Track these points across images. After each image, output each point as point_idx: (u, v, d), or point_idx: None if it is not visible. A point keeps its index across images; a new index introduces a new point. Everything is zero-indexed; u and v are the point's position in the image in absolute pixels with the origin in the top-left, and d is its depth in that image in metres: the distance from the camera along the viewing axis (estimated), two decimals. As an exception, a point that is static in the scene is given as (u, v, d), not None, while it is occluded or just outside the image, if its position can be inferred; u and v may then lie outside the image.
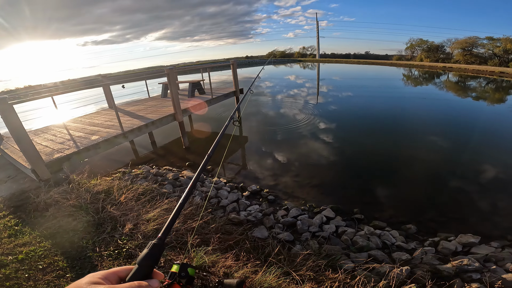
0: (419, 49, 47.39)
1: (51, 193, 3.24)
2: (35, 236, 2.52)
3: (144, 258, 0.53)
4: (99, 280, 0.46)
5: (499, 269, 2.51)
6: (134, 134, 5.31)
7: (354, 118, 9.93)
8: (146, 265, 0.52)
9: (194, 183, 0.82)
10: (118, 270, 0.50)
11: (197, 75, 11.64)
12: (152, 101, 8.31)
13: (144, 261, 0.52)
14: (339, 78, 25.12)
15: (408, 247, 3.17)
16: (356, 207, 4.13)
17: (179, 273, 0.61)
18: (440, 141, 7.05)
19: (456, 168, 5.34)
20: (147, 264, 0.52)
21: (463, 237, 3.22)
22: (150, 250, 0.54)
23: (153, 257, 0.54)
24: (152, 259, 0.53)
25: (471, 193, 4.45)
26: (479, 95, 14.88)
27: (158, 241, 0.57)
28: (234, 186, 4.85)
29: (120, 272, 0.50)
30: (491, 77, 23.99)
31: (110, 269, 0.50)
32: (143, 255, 0.53)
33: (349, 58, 63.55)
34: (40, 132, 5.53)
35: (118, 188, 3.47)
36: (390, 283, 2.10)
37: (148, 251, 0.54)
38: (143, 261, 0.52)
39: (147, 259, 0.53)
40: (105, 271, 0.49)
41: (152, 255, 0.54)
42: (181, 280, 0.60)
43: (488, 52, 36.66)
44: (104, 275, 0.47)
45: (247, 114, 10.52)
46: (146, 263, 0.52)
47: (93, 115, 7.04)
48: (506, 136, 7.51)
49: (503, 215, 3.85)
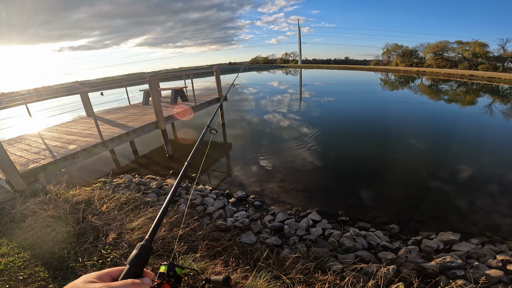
0: (394, 54, 49.37)
1: (28, 204, 3.08)
2: (13, 247, 2.39)
3: (134, 258, 0.55)
4: (94, 279, 0.48)
5: (482, 265, 2.61)
6: (114, 143, 5.15)
7: (336, 122, 10.14)
8: (137, 264, 0.55)
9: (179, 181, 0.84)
10: (110, 270, 0.53)
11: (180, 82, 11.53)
12: (133, 109, 8.13)
13: (134, 261, 0.55)
14: (320, 84, 25.65)
15: (393, 246, 3.24)
16: (341, 209, 4.20)
17: (168, 273, 0.62)
18: (417, 143, 7.32)
19: (434, 169, 5.55)
20: (138, 263, 0.55)
21: (444, 235, 3.32)
22: (139, 250, 0.57)
23: (142, 257, 0.56)
24: (142, 259, 0.56)
25: (449, 193, 4.63)
26: (452, 98, 15.63)
27: (146, 242, 0.59)
28: (220, 193, 4.80)
29: (112, 273, 0.53)
30: (462, 80, 25.31)
31: (102, 270, 0.52)
32: (133, 256, 0.56)
33: (330, 63, 65.31)
34: (14, 142, 5.27)
35: (99, 197, 3.35)
36: (378, 283, 2.13)
37: (138, 251, 0.57)
38: (134, 261, 0.55)
39: (137, 259, 0.55)
40: (98, 272, 0.51)
41: (141, 255, 0.56)
42: (170, 279, 0.62)
43: (458, 56, 38.70)
44: (98, 275, 0.50)
45: (230, 121, 10.51)
46: (137, 262, 0.55)
47: (70, 123, 6.79)
48: (480, 137, 7.91)
49: (480, 212, 4.02)
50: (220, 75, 8.96)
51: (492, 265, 2.65)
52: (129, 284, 0.49)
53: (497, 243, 3.22)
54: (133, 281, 0.50)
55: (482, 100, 14.49)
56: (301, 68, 55.30)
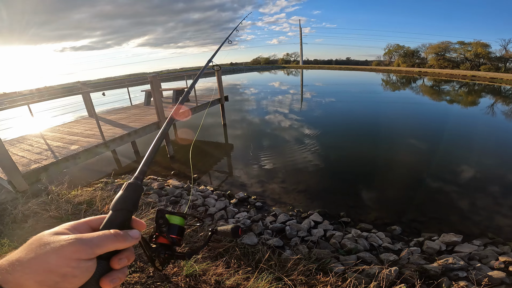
0: (396, 55, 49.32)
1: (29, 205, 3.08)
2: (15, 248, 2.37)
3: (118, 201, 0.43)
4: (65, 230, 0.38)
5: (484, 267, 2.60)
6: (116, 143, 5.16)
7: (337, 123, 10.14)
8: (123, 209, 0.42)
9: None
10: (90, 219, 0.42)
11: (181, 82, 11.55)
12: (134, 109, 8.15)
13: (118, 205, 0.42)
14: (322, 84, 25.64)
15: (395, 248, 3.23)
16: (342, 210, 4.19)
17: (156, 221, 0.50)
18: (419, 144, 7.30)
19: (436, 170, 5.53)
20: (124, 208, 0.42)
21: (446, 236, 3.31)
22: (125, 191, 0.44)
23: (129, 200, 0.43)
24: (129, 202, 0.43)
25: (451, 194, 4.61)
26: (453, 98, 15.59)
27: (135, 180, 0.46)
28: (221, 194, 4.79)
29: (91, 222, 0.42)
30: (464, 80, 25.23)
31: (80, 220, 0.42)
32: (117, 198, 0.43)
33: (331, 64, 65.30)
34: (16, 142, 5.28)
35: (101, 198, 3.35)
36: (380, 284, 2.13)
37: (123, 192, 0.44)
38: (118, 205, 0.42)
39: (123, 202, 0.43)
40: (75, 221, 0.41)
41: (128, 197, 0.43)
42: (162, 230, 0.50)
43: (460, 56, 38.62)
44: (73, 225, 0.40)
45: (232, 121, 10.51)
46: (122, 207, 0.42)
47: (72, 124, 6.81)
48: (481, 138, 7.88)
49: (482, 214, 4.01)
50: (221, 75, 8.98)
51: (495, 266, 2.64)
52: (109, 236, 0.38)
53: (500, 244, 3.21)
54: (116, 232, 0.39)
55: (484, 100, 14.45)
56: (302, 68, 55.29)
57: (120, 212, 0.42)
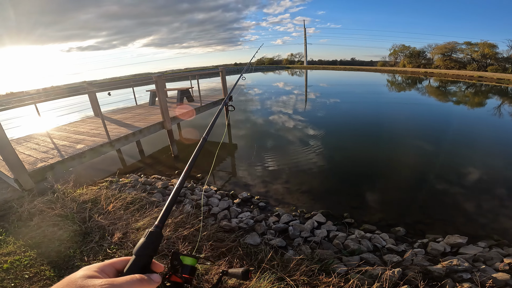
0: (401, 55, 48.95)
1: (35, 203, 3.12)
2: (20, 246, 2.42)
3: (141, 247, 0.48)
4: (95, 273, 0.42)
5: (489, 269, 2.57)
6: (121, 143, 5.21)
7: (341, 124, 10.10)
8: (144, 255, 0.48)
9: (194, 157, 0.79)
10: (114, 261, 0.47)
11: (186, 83, 11.60)
12: (139, 109, 8.20)
13: (141, 251, 0.48)
14: (326, 85, 25.54)
15: (398, 249, 3.21)
16: (346, 211, 4.17)
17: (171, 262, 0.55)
18: (424, 145, 7.24)
19: (441, 171, 5.48)
20: (145, 253, 0.48)
21: (451, 238, 3.29)
22: (147, 238, 0.50)
23: (151, 246, 0.49)
24: (150, 248, 0.49)
25: (456, 195, 4.57)
26: (460, 99, 15.43)
27: (155, 228, 0.52)
28: (225, 194, 4.81)
29: (116, 264, 0.47)
30: (470, 81, 24.95)
31: (106, 261, 0.46)
32: (140, 244, 0.49)
33: (336, 64, 64.98)
34: (22, 141, 5.35)
35: (105, 197, 3.38)
36: (383, 285, 2.12)
37: (146, 239, 0.49)
38: (141, 251, 0.48)
39: (145, 248, 0.48)
40: (101, 263, 0.45)
41: (150, 244, 0.49)
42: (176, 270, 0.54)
43: (466, 57, 38.20)
44: (100, 267, 0.44)
45: (236, 122, 10.53)
46: (144, 252, 0.48)
47: (78, 123, 6.88)
48: (488, 139, 7.79)
49: (488, 216, 3.96)
50: (225, 76, 9.00)
51: (499, 268, 2.62)
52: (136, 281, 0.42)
53: (505, 246, 3.18)
54: (141, 277, 0.43)
55: (491, 102, 14.28)
56: (306, 69, 55.15)
57: (143, 257, 0.48)
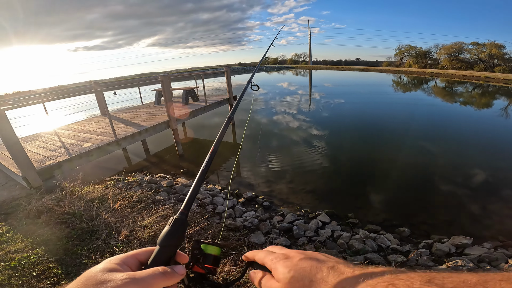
0: (407, 55, 48.56)
1: (43, 200, 3.18)
2: (28, 243, 2.47)
3: (166, 237, 0.44)
4: (116, 266, 0.39)
5: (494, 269, 2.56)
6: (127, 141, 5.27)
7: (346, 124, 10.07)
8: (169, 245, 0.44)
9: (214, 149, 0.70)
10: (137, 252, 0.44)
11: (191, 82, 11.67)
12: (145, 108, 8.27)
13: (166, 241, 0.44)
14: (331, 85, 25.46)
15: (403, 249, 3.20)
16: (350, 211, 4.17)
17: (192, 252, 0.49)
18: (429, 145, 7.19)
19: (446, 172, 5.44)
20: (170, 244, 0.44)
21: (456, 238, 3.27)
22: (172, 226, 0.45)
23: (176, 235, 0.45)
24: (176, 238, 0.45)
25: (462, 196, 4.54)
26: (467, 100, 15.27)
27: (180, 215, 0.47)
28: (229, 193, 4.84)
29: (139, 255, 0.44)
30: (478, 82, 24.66)
31: (129, 252, 0.44)
32: (164, 234, 0.44)
33: (340, 64, 64.69)
34: (31, 139, 5.44)
35: (112, 195, 3.43)
36: (387, 285, 2.12)
37: (170, 228, 0.45)
38: (165, 241, 0.44)
39: (170, 237, 0.44)
40: (124, 254, 0.43)
41: (174, 233, 0.45)
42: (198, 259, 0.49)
43: (474, 57, 37.75)
44: (122, 259, 0.42)
45: (240, 121, 10.55)
46: (169, 242, 0.44)
47: (85, 122, 6.97)
48: (494, 140, 7.71)
49: (493, 217, 3.93)
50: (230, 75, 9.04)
51: (504, 269, 2.60)
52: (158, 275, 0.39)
53: (510, 247, 3.15)
54: (164, 270, 0.40)
55: (498, 102, 14.12)
56: (311, 69, 55.01)
57: (167, 248, 0.44)
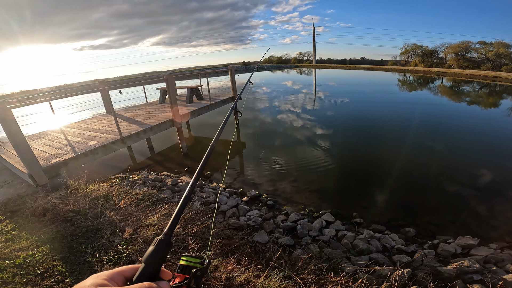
0: (413, 54, 48.07)
1: (49, 198, 3.21)
2: (33, 241, 2.48)
3: (150, 255, 0.48)
4: (104, 281, 0.42)
5: (500, 270, 2.53)
6: (132, 139, 5.29)
7: (350, 123, 10.00)
8: (153, 263, 0.48)
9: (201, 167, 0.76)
10: (123, 269, 0.47)
11: (195, 81, 11.67)
12: (150, 107, 8.31)
13: (151, 259, 0.48)
14: (335, 84, 25.31)
15: (408, 250, 3.18)
16: (355, 211, 4.14)
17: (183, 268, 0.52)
18: (436, 145, 7.11)
19: (453, 173, 5.38)
20: (154, 262, 0.48)
21: (462, 239, 3.23)
22: (157, 246, 0.49)
23: (160, 254, 0.49)
24: (159, 256, 0.49)
25: (468, 197, 4.48)
26: (473, 99, 15.08)
27: (164, 236, 0.51)
28: (233, 192, 4.84)
29: (125, 272, 0.47)
30: (485, 81, 24.33)
31: (114, 269, 0.46)
32: (149, 252, 0.49)
33: (345, 63, 64.26)
34: (37, 137, 5.50)
35: (117, 193, 3.45)
36: (392, 286, 2.10)
37: (155, 247, 0.49)
38: (150, 259, 0.48)
39: (154, 256, 0.48)
40: (110, 271, 0.45)
41: (159, 252, 0.49)
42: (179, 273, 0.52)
43: (481, 56, 37.25)
44: (109, 275, 0.44)
45: (244, 120, 10.55)
46: (153, 261, 0.48)
47: (90, 120, 7.02)
48: (502, 141, 7.60)
49: (500, 218, 3.87)
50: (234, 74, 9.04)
51: (510, 270, 2.57)
52: None
53: (517, 249, 3.11)
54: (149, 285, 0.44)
55: (506, 102, 13.91)
56: (315, 68, 54.73)
57: (152, 265, 0.48)
